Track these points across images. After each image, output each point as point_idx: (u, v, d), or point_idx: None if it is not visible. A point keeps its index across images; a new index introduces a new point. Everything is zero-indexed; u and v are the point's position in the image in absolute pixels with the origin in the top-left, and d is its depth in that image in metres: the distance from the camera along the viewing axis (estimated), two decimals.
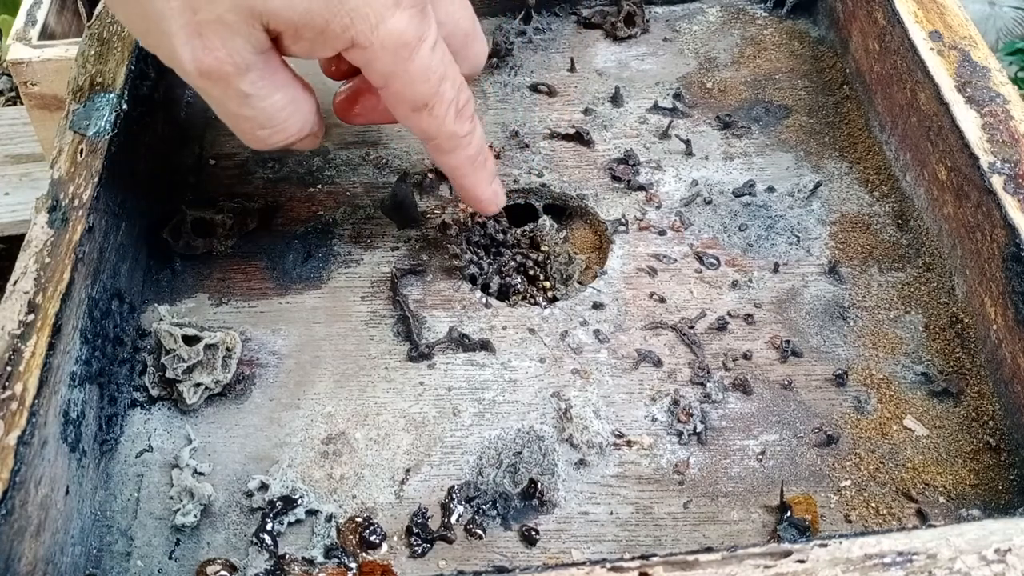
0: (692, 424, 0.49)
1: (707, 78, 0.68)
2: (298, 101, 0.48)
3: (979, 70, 0.56)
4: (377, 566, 0.45)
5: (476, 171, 0.53)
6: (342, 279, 0.57)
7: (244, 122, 0.47)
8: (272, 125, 0.47)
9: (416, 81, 0.47)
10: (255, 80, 0.45)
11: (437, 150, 0.52)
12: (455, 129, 0.50)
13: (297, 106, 0.48)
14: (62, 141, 0.53)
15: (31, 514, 0.40)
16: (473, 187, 0.54)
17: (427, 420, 0.50)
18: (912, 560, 0.36)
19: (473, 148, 0.52)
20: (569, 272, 0.58)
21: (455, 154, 0.52)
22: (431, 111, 0.49)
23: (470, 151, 0.52)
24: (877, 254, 0.57)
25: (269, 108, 0.47)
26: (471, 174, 0.53)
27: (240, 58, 0.44)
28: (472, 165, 0.53)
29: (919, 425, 0.50)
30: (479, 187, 0.54)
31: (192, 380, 0.50)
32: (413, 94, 0.48)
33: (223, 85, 0.45)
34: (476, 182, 0.54)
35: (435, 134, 0.50)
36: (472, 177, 0.54)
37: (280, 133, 0.48)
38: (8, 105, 1.51)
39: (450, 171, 0.54)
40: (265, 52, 0.45)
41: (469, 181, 0.54)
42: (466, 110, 0.50)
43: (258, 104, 0.46)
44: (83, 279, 0.48)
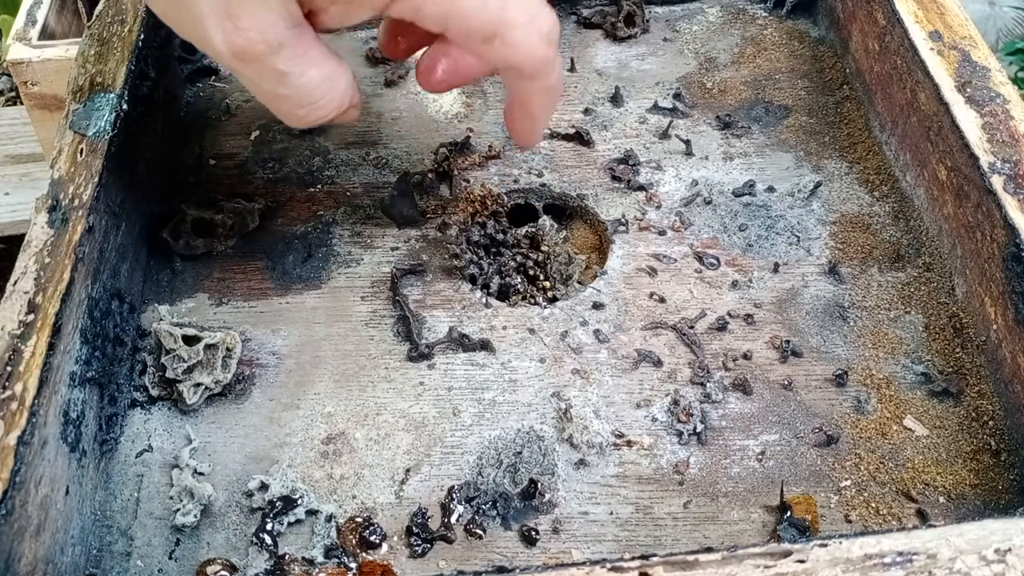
0: (692, 424, 0.49)
1: (707, 78, 0.68)
2: (334, 76, 0.47)
3: (979, 70, 0.56)
4: (377, 566, 0.45)
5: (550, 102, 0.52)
6: (342, 279, 0.57)
7: (282, 102, 0.47)
8: (311, 102, 0.47)
9: (473, 13, 0.45)
10: (289, 57, 0.44)
11: (517, 77, 0.50)
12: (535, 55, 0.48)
13: (334, 82, 0.47)
14: (62, 141, 0.53)
15: (31, 514, 0.40)
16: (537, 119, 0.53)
17: (427, 420, 0.50)
18: (912, 560, 0.36)
19: (554, 78, 0.50)
20: (569, 272, 0.58)
21: (535, 82, 0.50)
22: (503, 39, 0.46)
23: (551, 80, 0.50)
24: (877, 254, 0.57)
25: (306, 85, 0.46)
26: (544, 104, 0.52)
27: (273, 35, 0.43)
28: (547, 95, 0.51)
29: (919, 425, 0.50)
30: (541, 120, 0.53)
31: (192, 380, 0.50)
32: (475, 26, 0.46)
33: (258, 66, 0.44)
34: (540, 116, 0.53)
35: (516, 62, 0.48)
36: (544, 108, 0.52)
37: (319, 110, 0.47)
38: (8, 105, 1.51)
39: (523, 98, 0.52)
40: (298, 26, 0.44)
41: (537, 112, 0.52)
42: (552, 35, 0.49)
43: (295, 82, 0.45)
44: (83, 279, 0.48)
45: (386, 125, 0.66)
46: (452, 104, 0.67)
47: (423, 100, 0.67)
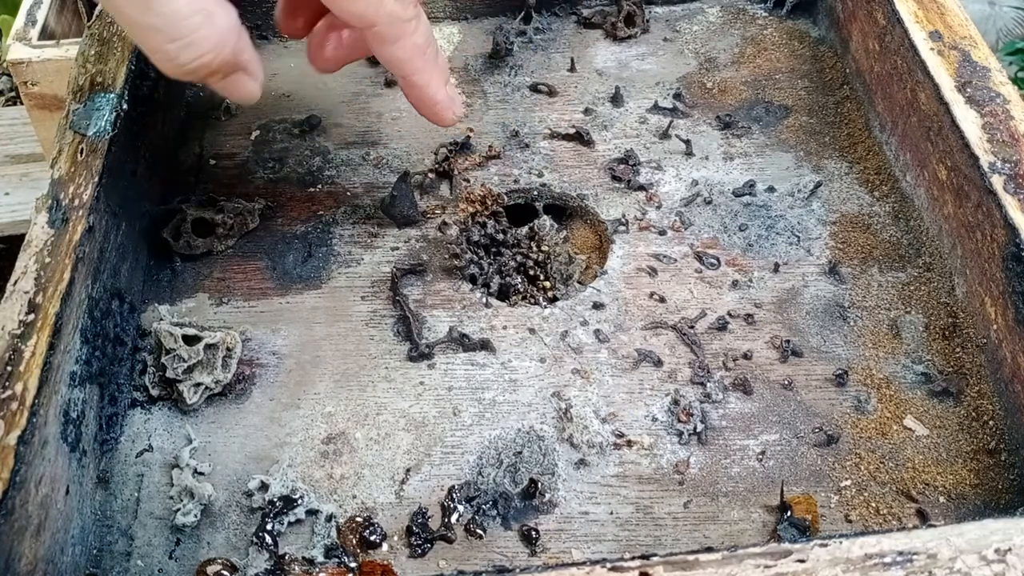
0: (692, 424, 0.49)
1: (707, 78, 0.68)
2: (210, 13, 0.43)
3: (979, 70, 0.56)
4: (377, 566, 0.45)
5: (427, 65, 0.49)
6: (342, 279, 0.57)
7: (151, 35, 0.43)
8: (180, 36, 0.43)
9: None
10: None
11: (380, 40, 0.48)
12: (396, 9, 0.46)
13: (209, 18, 0.43)
14: (62, 141, 0.53)
15: (31, 514, 0.40)
16: (425, 85, 0.50)
17: (427, 420, 0.50)
18: (912, 560, 0.36)
19: (420, 36, 0.48)
20: (569, 272, 0.58)
21: (401, 43, 0.47)
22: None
23: (417, 39, 0.48)
24: (877, 254, 0.57)
25: (173, 15, 0.42)
26: (421, 69, 0.49)
27: None
28: (422, 57, 0.49)
29: (919, 425, 0.50)
30: (431, 85, 0.50)
31: (192, 380, 0.50)
32: None
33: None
34: (428, 80, 0.50)
35: (373, 16, 0.46)
36: (424, 73, 0.49)
37: (192, 48, 0.43)
38: (8, 105, 1.51)
39: (398, 66, 0.49)
40: None
41: (420, 78, 0.49)
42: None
43: (160, 8, 0.42)
44: (83, 279, 0.48)
45: (386, 125, 0.66)
46: None
47: None
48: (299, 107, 0.67)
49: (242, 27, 0.45)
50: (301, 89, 0.67)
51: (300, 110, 0.66)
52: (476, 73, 0.69)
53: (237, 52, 0.45)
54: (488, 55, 0.70)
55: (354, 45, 0.52)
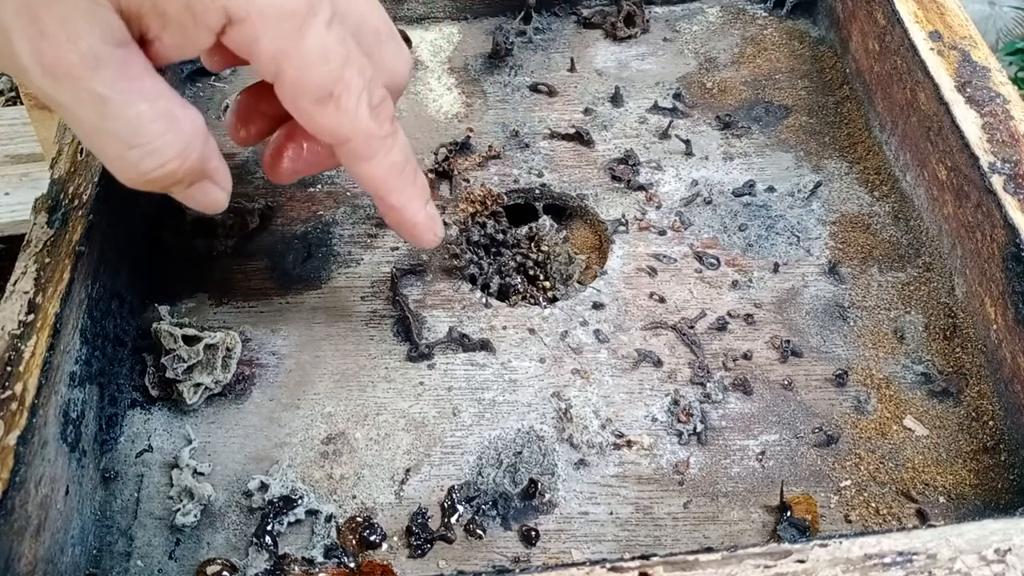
0: (692, 424, 0.49)
1: (707, 78, 0.68)
2: (175, 118, 0.40)
3: (979, 70, 0.56)
4: (377, 566, 0.45)
5: (404, 185, 0.46)
6: (342, 279, 0.57)
7: (107, 140, 0.39)
8: (141, 142, 0.39)
9: (312, 62, 0.40)
10: (111, 81, 0.38)
11: (354, 158, 0.44)
12: (370, 127, 0.43)
13: (173, 123, 0.40)
14: (62, 141, 0.53)
15: (31, 514, 0.40)
16: (403, 207, 0.47)
17: (427, 420, 0.50)
18: (912, 560, 0.36)
19: (397, 154, 0.45)
20: (569, 272, 0.58)
21: (375, 161, 0.45)
22: (337, 102, 0.41)
23: (394, 157, 0.45)
24: (877, 254, 0.57)
25: (134, 120, 0.38)
26: (398, 188, 0.46)
27: (87, 46, 0.37)
28: (399, 176, 0.46)
29: (919, 425, 0.50)
30: (410, 207, 0.47)
31: (192, 380, 0.50)
32: (312, 80, 0.41)
33: (72, 85, 0.37)
34: (406, 200, 0.47)
35: (348, 133, 0.43)
36: (400, 193, 0.46)
37: (154, 156, 0.40)
38: (8, 105, 1.51)
39: (373, 185, 0.46)
40: (123, 46, 0.38)
41: (396, 199, 0.46)
42: (383, 109, 0.43)
43: (119, 113, 0.38)
44: (83, 279, 0.48)
45: None
46: (452, 104, 0.67)
47: (423, 100, 0.67)
48: None
49: (209, 132, 0.42)
50: None
51: None
52: (476, 73, 0.69)
53: (204, 159, 0.42)
54: (488, 55, 0.70)
55: (314, 159, 0.49)
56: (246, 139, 0.49)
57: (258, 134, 0.49)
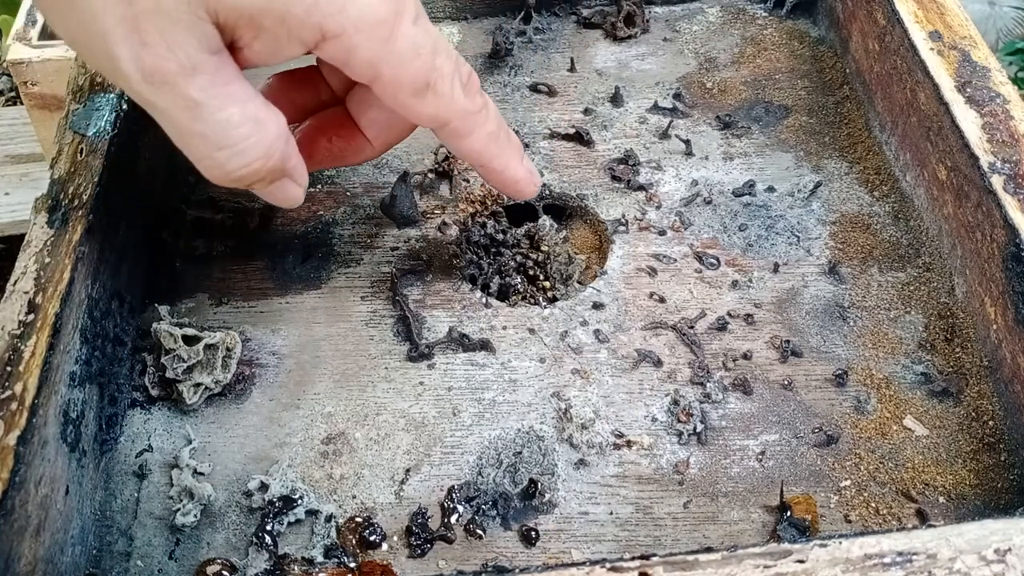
0: (692, 424, 0.49)
1: (707, 78, 0.68)
2: (260, 121, 0.42)
3: (979, 70, 0.56)
4: (377, 566, 0.45)
5: (503, 149, 0.49)
6: (342, 279, 0.57)
7: (198, 142, 0.41)
8: (229, 144, 0.41)
9: (407, 60, 0.43)
10: (205, 86, 0.40)
11: (455, 136, 0.47)
12: (466, 104, 0.46)
13: (259, 126, 0.42)
14: (62, 141, 0.53)
15: (31, 514, 0.40)
16: (504, 168, 0.49)
17: (427, 420, 0.50)
18: (912, 560, 0.36)
19: (492, 123, 0.48)
20: (569, 272, 0.58)
21: (475, 135, 0.47)
22: (434, 90, 0.44)
23: (489, 127, 0.48)
24: (877, 254, 0.57)
25: (224, 123, 0.41)
26: (499, 153, 0.49)
27: (185, 55, 0.39)
28: (497, 143, 0.48)
29: (919, 425, 0.50)
30: (511, 166, 0.50)
31: (192, 380, 0.50)
32: (409, 75, 0.43)
33: (168, 91, 0.39)
34: (507, 162, 0.49)
35: (447, 115, 0.46)
36: (502, 157, 0.49)
37: (240, 156, 0.42)
38: (8, 105, 1.51)
39: (476, 157, 0.49)
40: (217, 54, 0.40)
41: (499, 162, 0.49)
42: (472, 83, 0.46)
43: (211, 116, 0.40)
44: (83, 279, 0.48)
45: None
46: None
47: None
48: None
49: (290, 134, 0.45)
50: None
51: None
52: (476, 73, 0.69)
53: (285, 159, 0.44)
54: (488, 55, 0.70)
55: (339, 153, 0.51)
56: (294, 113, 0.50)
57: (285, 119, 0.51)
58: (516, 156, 0.50)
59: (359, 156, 0.52)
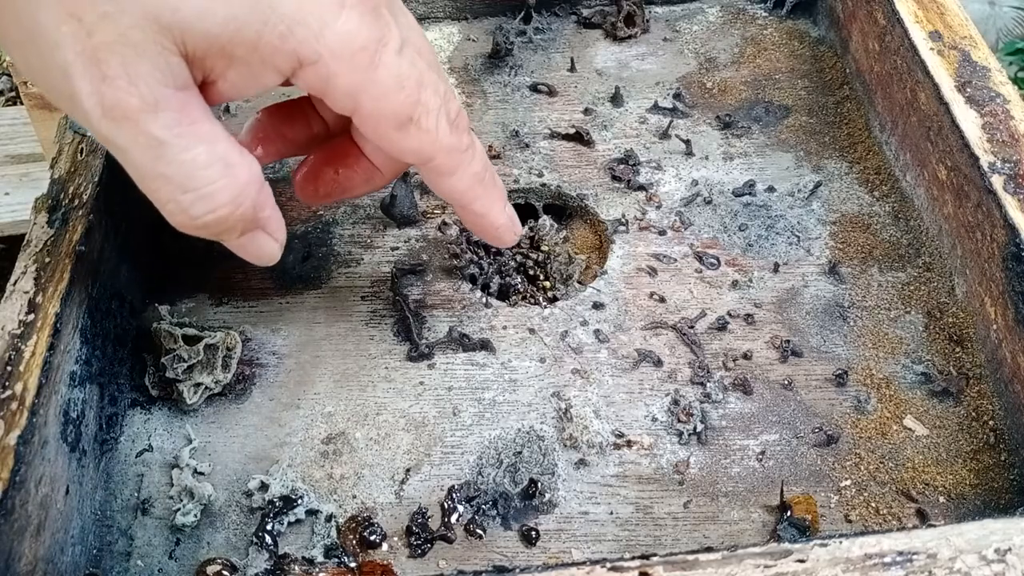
0: (692, 424, 0.49)
1: (707, 78, 0.68)
2: (231, 164, 0.39)
3: (979, 70, 0.56)
4: (377, 566, 0.45)
5: (487, 191, 0.47)
6: (342, 279, 0.57)
7: (161, 184, 0.39)
8: (194, 187, 0.39)
9: (389, 90, 0.41)
10: (169, 124, 0.37)
11: (438, 174, 0.45)
12: (452, 142, 0.44)
13: (229, 169, 0.39)
14: (62, 141, 0.53)
15: (31, 513, 0.40)
16: (487, 212, 0.48)
17: (427, 420, 0.50)
18: (912, 560, 0.36)
19: (478, 163, 0.46)
20: (569, 272, 0.58)
21: (459, 175, 0.45)
22: (418, 125, 0.42)
23: (475, 167, 0.46)
24: (877, 254, 0.57)
25: (189, 164, 0.38)
26: (482, 195, 0.47)
27: (148, 89, 0.36)
28: (481, 184, 0.46)
29: (919, 425, 0.50)
30: (493, 211, 0.48)
31: (192, 380, 0.50)
32: (391, 108, 0.41)
33: (130, 128, 0.37)
34: (489, 205, 0.48)
35: (431, 152, 0.43)
36: (484, 200, 0.47)
37: (206, 201, 0.39)
38: (8, 105, 1.51)
39: (458, 197, 0.47)
40: (183, 89, 0.38)
41: (481, 205, 0.47)
42: (460, 121, 0.44)
43: (175, 156, 0.38)
44: (83, 279, 0.48)
45: None
46: None
47: None
48: None
49: (265, 182, 0.42)
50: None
51: None
52: (476, 73, 0.69)
53: (257, 208, 0.42)
54: (488, 55, 0.70)
55: (347, 184, 0.49)
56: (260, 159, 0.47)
57: (274, 155, 0.49)
58: (499, 201, 0.48)
59: (368, 185, 0.50)
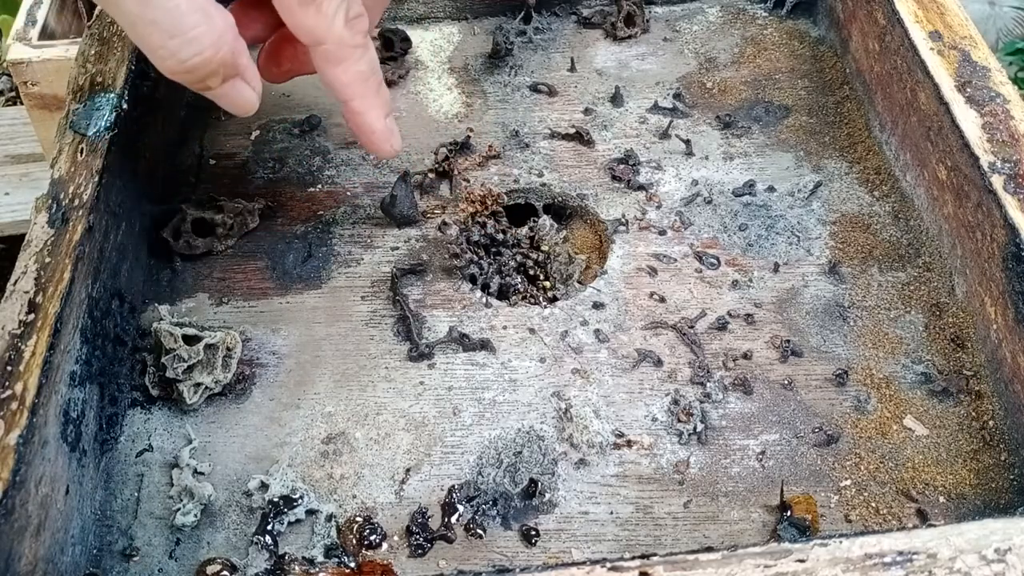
0: (692, 424, 0.49)
1: (707, 78, 0.68)
2: (208, 13, 0.45)
3: (979, 70, 0.56)
4: (377, 566, 0.45)
5: (368, 93, 0.51)
6: (342, 279, 0.57)
7: (151, 30, 0.44)
8: (180, 32, 0.44)
9: None
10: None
11: (326, 60, 0.49)
12: (344, 34, 0.48)
13: (207, 17, 0.45)
14: (62, 141, 0.53)
15: (31, 513, 0.40)
16: (364, 112, 0.51)
17: (427, 420, 0.50)
18: (912, 560, 0.36)
19: (364, 64, 0.50)
20: (569, 272, 0.58)
21: (345, 66, 0.49)
22: (318, 7, 0.47)
23: (361, 66, 0.50)
24: (877, 254, 0.57)
25: (174, 10, 0.44)
26: (362, 95, 0.51)
27: None
28: (364, 84, 0.50)
29: (919, 425, 0.50)
30: (370, 114, 0.51)
31: (192, 380, 0.50)
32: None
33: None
34: (367, 107, 0.51)
35: (323, 35, 0.48)
36: (363, 100, 0.51)
37: (191, 44, 0.45)
38: (8, 105, 1.51)
39: (340, 90, 0.51)
40: None
41: (359, 104, 0.51)
42: (359, 23, 0.48)
43: (161, 3, 0.43)
44: (83, 279, 0.48)
45: None
46: (452, 104, 0.67)
47: (423, 100, 0.67)
48: (299, 107, 0.67)
49: (238, 35, 0.47)
50: (301, 89, 0.67)
51: (300, 110, 0.66)
52: (476, 73, 0.69)
53: (236, 55, 0.47)
54: (488, 55, 0.70)
55: (303, 59, 0.53)
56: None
57: (251, 39, 0.53)
58: (380, 108, 0.52)
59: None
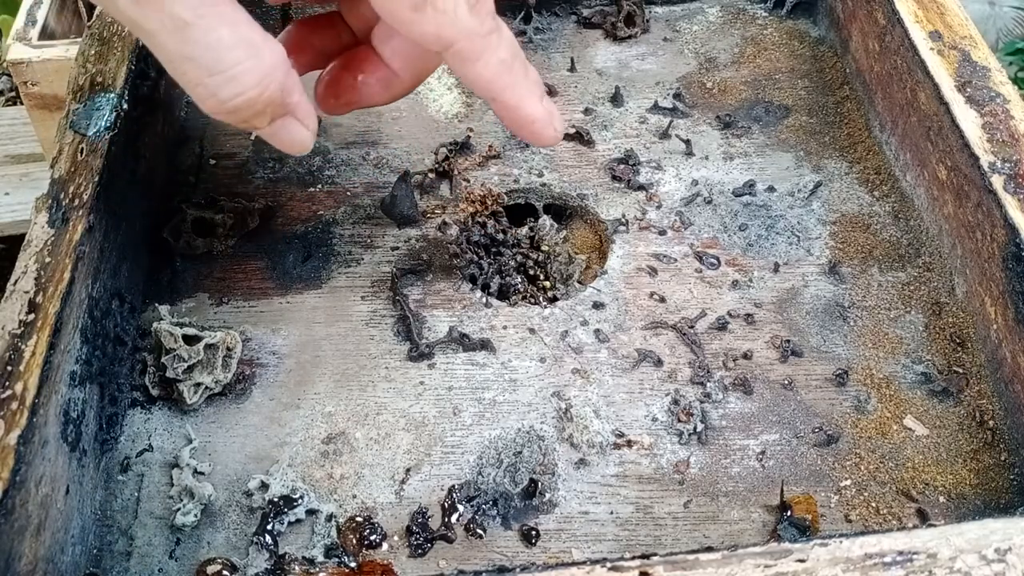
0: (692, 424, 0.49)
1: (707, 78, 0.68)
2: (255, 46, 0.40)
3: (979, 70, 0.56)
4: (377, 566, 0.45)
5: (517, 81, 0.44)
6: (342, 279, 0.57)
7: (189, 67, 0.39)
8: (221, 69, 0.39)
9: None
10: (193, 5, 0.38)
11: (461, 60, 0.43)
12: (472, 24, 0.41)
13: (254, 51, 0.40)
14: (62, 141, 0.53)
15: (31, 513, 0.40)
16: (518, 102, 0.45)
17: (427, 420, 0.50)
18: (912, 560, 0.36)
19: (504, 51, 0.43)
20: (569, 272, 0.58)
21: (484, 60, 0.43)
22: (434, 5, 0.40)
23: (501, 53, 0.43)
24: (877, 254, 0.57)
25: (215, 45, 0.39)
26: (512, 84, 0.44)
27: None
28: (510, 72, 0.44)
29: (919, 425, 0.50)
30: (526, 101, 0.45)
31: (192, 380, 0.50)
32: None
33: (156, 10, 0.38)
34: (521, 95, 0.45)
35: (451, 35, 0.42)
36: (513, 90, 0.44)
37: (233, 83, 0.40)
38: (8, 105, 1.51)
39: (486, 87, 0.44)
40: None
41: (512, 95, 0.45)
42: (483, 6, 0.42)
43: (201, 38, 0.38)
44: (83, 279, 0.48)
45: (386, 125, 0.66)
46: (452, 104, 0.67)
47: (423, 100, 0.67)
48: None
49: (291, 68, 0.42)
50: None
51: None
52: None
53: (285, 92, 0.42)
54: None
55: (367, 92, 0.49)
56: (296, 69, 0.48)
57: (305, 66, 0.50)
58: (534, 92, 0.45)
59: (390, 91, 0.50)
